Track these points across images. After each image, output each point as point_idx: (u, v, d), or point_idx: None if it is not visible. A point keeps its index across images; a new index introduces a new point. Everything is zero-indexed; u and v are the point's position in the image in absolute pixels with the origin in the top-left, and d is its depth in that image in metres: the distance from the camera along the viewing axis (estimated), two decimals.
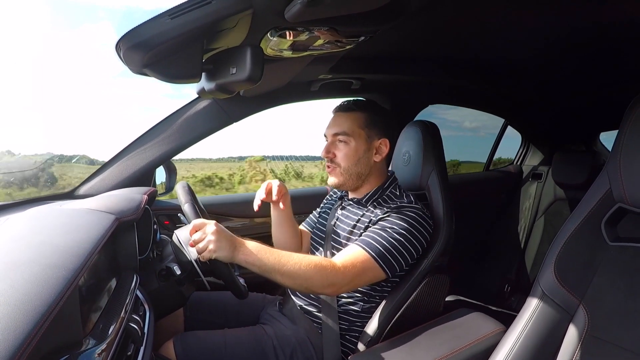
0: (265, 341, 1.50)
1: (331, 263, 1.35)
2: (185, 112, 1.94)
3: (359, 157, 1.58)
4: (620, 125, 1.11)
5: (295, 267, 1.28)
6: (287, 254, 1.31)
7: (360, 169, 1.60)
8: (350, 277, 1.36)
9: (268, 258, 1.27)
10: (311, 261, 1.31)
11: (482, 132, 3.44)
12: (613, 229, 1.14)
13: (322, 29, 1.13)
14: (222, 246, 1.24)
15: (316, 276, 1.30)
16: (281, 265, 1.27)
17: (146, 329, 1.09)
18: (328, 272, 1.32)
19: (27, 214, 1.07)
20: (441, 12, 1.37)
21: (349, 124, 1.59)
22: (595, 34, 1.55)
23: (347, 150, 1.58)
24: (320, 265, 1.31)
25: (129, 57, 1.06)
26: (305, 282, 1.29)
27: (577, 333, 1.09)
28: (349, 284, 1.38)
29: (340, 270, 1.34)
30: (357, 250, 1.42)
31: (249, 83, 1.11)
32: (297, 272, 1.28)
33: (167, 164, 2.01)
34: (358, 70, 1.97)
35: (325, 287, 1.32)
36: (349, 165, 1.59)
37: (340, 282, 1.34)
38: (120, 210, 1.17)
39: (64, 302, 0.64)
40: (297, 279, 1.28)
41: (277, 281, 1.29)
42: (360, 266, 1.38)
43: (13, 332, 0.53)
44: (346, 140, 1.58)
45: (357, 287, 1.48)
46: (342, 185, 1.64)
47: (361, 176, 1.61)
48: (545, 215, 3.20)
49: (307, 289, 1.34)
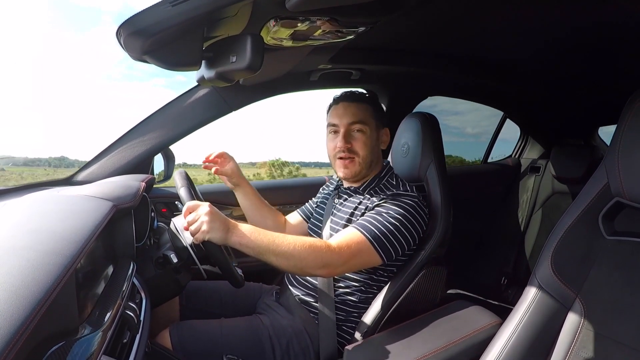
0: (262, 331, 1.50)
1: (326, 244, 1.35)
2: (184, 100, 1.93)
3: (373, 146, 1.62)
4: (619, 119, 1.11)
5: (290, 247, 1.28)
6: (281, 235, 1.32)
7: (373, 157, 1.63)
8: (345, 258, 1.36)
9: (262, 239, 1.28)
10: (305, 241, 1.32)
11: (484, 137, 3.45)
12: (610, 223, 1.14)
13: (323, 18, 1.12)
14: (215, 227, 1.25)
15: (310, 256, 1.30)
16: (275, 246, 1.28)
17: (142, 316, 1.09)
18: (323, 252, 1.32)
19: (24, 200, 1.07)
20: (441, 5, 1.37)
21: (363, 113, 1.61)
22: (594, 28, 1.55)
23: (365, 139, 1.60)
24: (314, 245, 1.32)
25: (130, 43, 1.05)
26: (299, 263, 1.29)
27: (573, 326, 1.09)
28: (343, 265, 1.37)
29: (335, 251, 1.35)
30: (352, 232, 1.43)
31: (248, 72, 1.11)
32: (291, 253, 1.28)
33: (166, 151, 2.00)
34: (358, 60, 1.97)
35: (319, 267, 1.32)
36: (366, 154, 1.60)
37: (334, 263, 1.34)
38: (117, 197, 1.17)
39: (60, 288, 0.64)
40: (291, 259, 1.28)
41: (271, 262, 1.29)
42: (355, 247, 1.38)
43: (9, 318, 0.53)
44: (363, 129, 1.60)
45: (352, 270, 1.49)
46: (358, 175, 1.64)
47: (371, 165, 1.64)
48: (543, 208, 3.22)
49: (301, 270, 1.35)
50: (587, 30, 1.58)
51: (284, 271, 1.32)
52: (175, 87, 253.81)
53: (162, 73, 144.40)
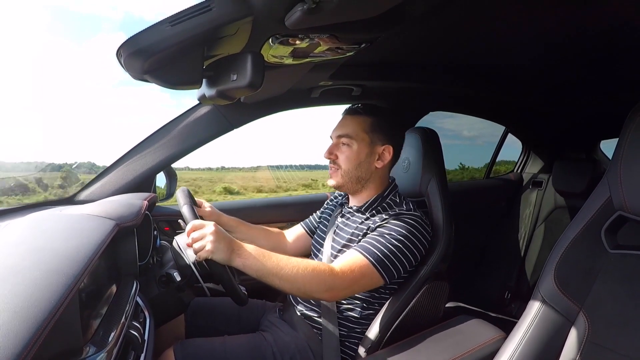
0: (265, 348, 1.49)
1: (329, 268, 1.35)
2: (185, 118, 1.94)
3: (360, 161, 1.59)
4: (621, 133, 1.11)
5: (293, 271, 1.28)
6: (286, 258, 1.31)
7: (361, 173, 1.60)
8: (348, 282, 1.35)
9: (266, 262, 1.27)
10: (309, 265, 1.31)
11: (480, 140, 3.45)
12: (613, 236, 1.14)
13: (323, 36, 1.13)
14: (220, 247, 1.24)
15: (314, 280, 1.29)
16: (279, 269, 1.27)
17: (146, 335, 1.08)
18: (326, 276, 1.31)
19: (27, 219, 1.07)
20: (441, 19, 1.37)
21: (353, 127, 1.60)
22: (596, 42, 1.55)
23: (349, 153, 1.59)
24: (318, 269, 1.31)
25: (130, 63, 1.06)
26: (303, 287, 1.29)
27: (577, 340, 1.09)
28: (346, 289, 1.37)
29: (339, 275, 1.34)
30: (355, 256, 1.42)
31: (249, 90, 1.11)
32: (295, 277, 1.27)
33: (168, 169, 2.01)
34: (358, 76, 1.97)
35: (323, 291, 1.32)
36: (349, 168, 1.60)
37: (338, 287, 1.34)
38: (120, 216, 1.17)
39: (64, 308, 0.64)
40: (295, 283, 1.28)
41: (274, 285, 1.28)
42: (359, 271, 1.37)
43: (13, 339, 0.53)
44: (349, 143, 1.59)
45: (356, 293, 1.48)
46: (341, 187, 1.65)
47: (361, 180, 1.62)
48: (546, 222, 3.20)
49: (305, 293, 1.33)
50: (588, 43, 1.58)
51: (287, 293, 1.32)
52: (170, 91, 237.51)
53: None
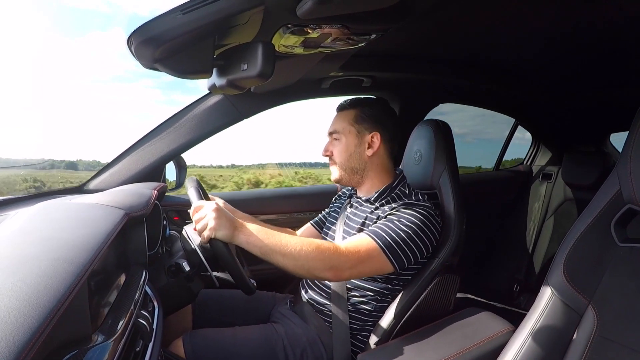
0: (276, 340, 1.50)
1: (334, 246, 1.34)
2: (195, 107, 1.94)
3: (351, 152, 1.64)
4: (631, 126, 1.10)
5: (297, 247, 1.27)
6: (289, 236, 1.31)
7: (354, 163, 1.64)
8: (352, 262, 1.34)
9: (269, 239, 1.27)
10: (313, 243, 1.31)
11: (469, 138, 3.44)
12: (622, 229, 1.14)
13: (334, 26, 1.12)
14: (222, 224, 1.25)
15: (318, 257, 1.29)
16: (282, 245, 1.27)
17: (155, 325, 1.08)
18: (330, 254, 1.31)
19: (36, 208, 1.07)
20: (451, 11, 1.37)
21: (340, 122, 1.66)
22: (605, 34, 1.54)
23: (340, 147, 1.65)
24: (322, 247, 1.31)
25: (140, 52, 1.06)
26: (307, 264, 1.28)
27: (586, 333, 1.09)
28: (351, 269, 1.35)
29: (343, 254, 1.33)
30: (363, 238, 1.42)
31: (260, 79, 1.11)
32: (298, 254, 1.27)
33: (177, 159, 2.01)
34: (369, 68, 1.97)
35: (326, 269, 1.30)
36: (342, 161, 1.65)
37: (342, 266, 1.32)
38: (129, 206, 1.17)
39: (73, 297, 0.64)
40: (298, 260, 1.27)
41: (277, 263, 1.28)
42: (365, 252, 1.37)
43: (22, 326, 0.53)
44: (338, 138, 1.65)
45: (362, 275, 1.47)
46: (341, 180, 1.68)
47: (356, 171, 1.65)
48: (555, 215, 3.20)
49: (308, 271, 1.31)
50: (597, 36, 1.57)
51: (290, 272, 1.32)
52: (162, 87, 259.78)
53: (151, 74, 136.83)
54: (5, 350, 0.49)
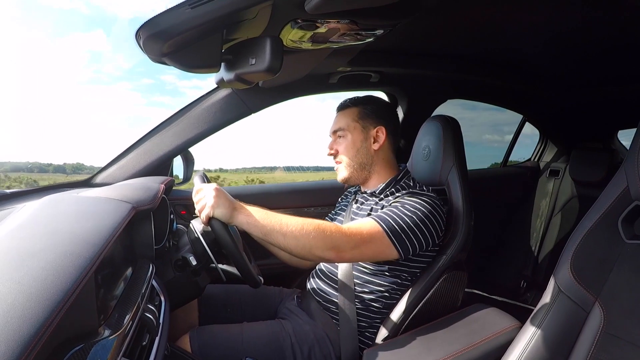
0: (284, 337, 1.50)
1: (336, 226, 1.34)
2: (203, 101, 1.94)
3: (358, 148, 1.65)
4: (639, 123, 1.09)
5: (298, 227, 1.28)
6: (289, 216, 1.31)
7: (362, 158, 1.65)
8: (355, 242, 1.34)
9: (269, 218, 1.28)
10: (314, 222, 1.31)
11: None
12: (630, 226, 1.13)
13: (342, 21, 1.12)
14: (220, 202, 1.26)
15: (319, 236, 1.28)
16: (283, 225, 1.27)
17: (162, 319, 1.09)
18: (332, 233, 1.31)
19: (43, 201, 1.07)
20: (459, 7, 1.36)
21: (344, 120, 1.67)
22: (614, 30, 1.54)
23: (346, 144, 1.65)
24: (324, 226, 1.31)
25: (149, 45, 1.05)
26: (308, 243, 1.28)
27: (592, 330, 1.08)
28: (353, 250, 1.35)
29: (346, 234, 1.33)
30: (366, 220, 1.43)
31: (268, 74, 1.10)
32: (299, 232, 1.27)
33: (185, 153, 2.02)
34: (377, 63, 1.97)
35: (328, 249, 1.30)
36: (349, 157, 1.65)
37: (344, 246, 1.32)
38: (137, 199, 1.17)
39: (79, 290, 0.64)
40: (300, 239, 1.27)
41: (278, 244, 1.28)
42: (367, 234, 1.37)
43: (28, 320, 0.53)
44: (343, 135, 1.66)
45: (364, 258, 1.46)
46: (350, 179, 1.68)
47: (364, 166, 1.66)
48: (562, 211, 3.19)
49: (309, 251, 1.30)
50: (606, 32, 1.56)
51: (292, 253, 1.31)
52: (140, 90, 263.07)
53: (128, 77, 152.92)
54: (11, 344, 0.49)
